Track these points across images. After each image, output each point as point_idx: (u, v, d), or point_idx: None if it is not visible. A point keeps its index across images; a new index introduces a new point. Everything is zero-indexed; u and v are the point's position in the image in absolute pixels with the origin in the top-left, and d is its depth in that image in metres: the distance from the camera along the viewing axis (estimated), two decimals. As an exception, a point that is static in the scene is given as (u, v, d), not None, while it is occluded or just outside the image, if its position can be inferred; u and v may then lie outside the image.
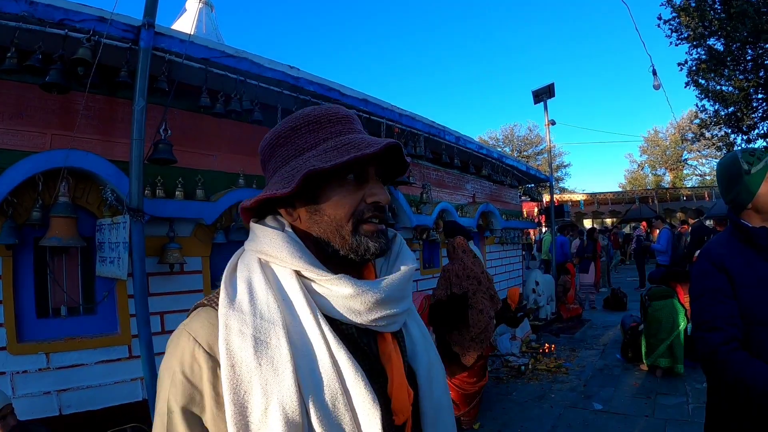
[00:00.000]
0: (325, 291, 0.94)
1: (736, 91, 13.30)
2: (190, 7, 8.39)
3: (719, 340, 1.92)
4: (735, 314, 1.95)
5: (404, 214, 6.83)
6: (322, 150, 0.98)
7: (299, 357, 0.86)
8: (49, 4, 3.40)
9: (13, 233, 3.53)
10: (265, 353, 0.84)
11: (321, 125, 1.02)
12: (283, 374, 0.83)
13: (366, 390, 0.88)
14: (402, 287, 1.02)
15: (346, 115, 1.06)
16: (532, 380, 6.83)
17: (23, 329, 3.74)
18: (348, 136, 1.01)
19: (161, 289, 4.32)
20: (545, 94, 11.75)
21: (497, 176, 9.77)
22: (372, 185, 1.01)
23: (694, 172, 42.44)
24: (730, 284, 2.00)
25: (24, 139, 3.73)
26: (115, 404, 3.98)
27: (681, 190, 33.23)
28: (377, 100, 6.09)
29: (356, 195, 1.00)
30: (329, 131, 1.02)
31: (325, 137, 1.01)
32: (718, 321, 1.96)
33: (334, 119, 1.03)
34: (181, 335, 0.91)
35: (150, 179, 4.18)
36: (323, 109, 1.05)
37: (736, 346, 1.90)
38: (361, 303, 0.93)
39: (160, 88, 3.96)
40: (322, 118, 1.03)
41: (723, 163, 2.20)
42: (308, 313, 0.90)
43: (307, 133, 1.02)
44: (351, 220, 0.99)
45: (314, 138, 1.01)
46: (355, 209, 0.99)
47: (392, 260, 1.11)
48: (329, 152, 0.96)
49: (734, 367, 1.87)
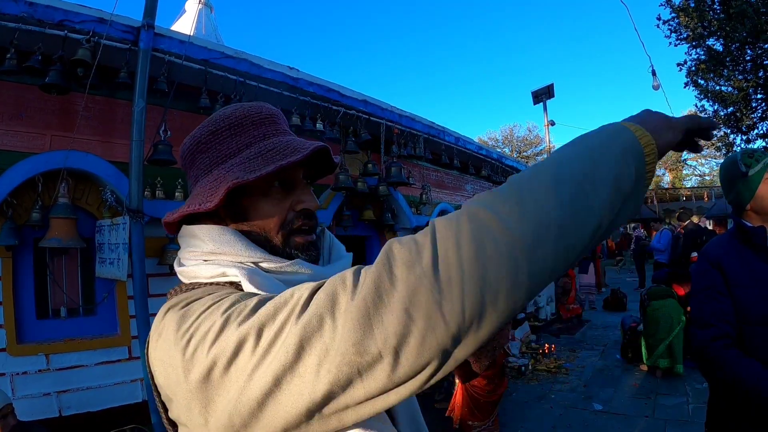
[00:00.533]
0: (285, 277, 0.89)
1: (735, 92, 13.33)
2: (189, 8, 8.39)
3: (710, 336, 1.97)
4: (728, 312, 1.98)
5: (404, 214, 6.83)
6: (245, 157, 0.92)
7: None
8: (49, 5, 3.41)
9: (13, 234, 3.52)
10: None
11: (243, 128, 0.96)
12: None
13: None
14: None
15: (270, 114, 1.00)
16: (532, 381, 6.84)
17: (23, 330, 3.74)
18: (273, 140, 0.95)
19: (161, 290, 4.30)
20: (544, 94, 11.78)
21: (497, 177, 9.77)
22: (300, 191, 0.97)
23: (694, 172, 42.46)
24: (725, 283, 2.02)
25: (24, 140, 3.72)
26: (115, 405, 3.97)
27: (680, 191, 33.16)
28: (377, 101, 6.09)
29: (284, 204, 0.95)
30: (252, 135, 0.96)
31: (249, 142, 0.95)
32: (711, 318, 2.00)
33: (257, 120, 0.98)
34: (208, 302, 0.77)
35: (150, 180, 4.18)
36: (245, 109, 0.98)
37: (727, 343, 1.93)
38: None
39: (160, 89, 3.95)
40: (244, 120, 0.97)
41: (724, 164, 2.22)
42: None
43: (229, 137, 0.96)
44: (280, 231, 0.94)
45: (236, 143, 0.95)
46: (284, 220, 0.95)
47: (326, 253, 1.07)
48: (253, 160, 0.91)
49: (724, 364, 1.91)
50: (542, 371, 7.24)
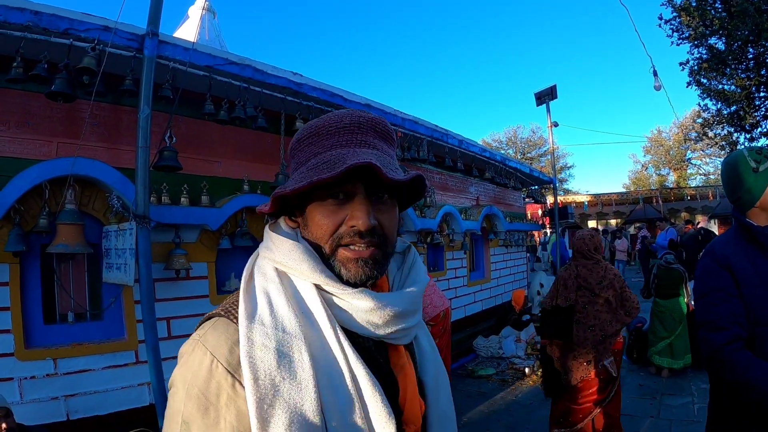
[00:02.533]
0: (345, 305, 0.92)
1: (738, 90, 13.29)
2: (192, 14, 8.43)
3: (723, 340, 1.91)
4: (739, 313, 1.93)
5: (408, 217, 6.83)
6: (306, 167, 0.94)
7: (320, 371, 0.85)
8: (54, 14, 3.43)
9: (21, 240, 3.55)
10: (288, 367, 0.83)
11: (319, 137, 0.97)
12: (306, 389, 0.82)
13: (382, 404, 0.87)
14: (416, 301, 1.01)
15: (350, 123, 0.97)
16: (538, 382, 6.82)
17: (31, 335, 3.77)
18: (333, 152, 0.94)
19: (167, 294, 4.34)
20: (547, 96, 11.75)
21: (501, 179, 9.76)
22: (355, 206, 0.93)
23: (698, 171, 42.40)
24: (735, 283, 1.97)
25: (30, 148, 3.76)
26: (122, 409, 4.00)
27: (685, 190, 33.14)
28: (380, 105, 6.12)
29: (337, 216, 0.94)
30: (322, 145, 0.97)
31: (317, 151, 0.96)
32: (722, 320, 1.94)
33: (332, 130, 0.97)
34: (196, 349, 0.88)
35: (155, 186, 4.21)
36: (329, 118, 0.98)
37: (740, 346, 1.89)
38: (380, 317, 0.92)
39: (165, 95, 3.98)
40: (321, 130, 0.97)
41: (728, 161, 2.17)
42: (328, 327, 0.88)
43: (308, 145, 0.98)
44: (329, 242, 0.94)
45: (310, 151, 0.98)
46: (334, 232, 0.94)
47: (405, 273, 1.09)
48: (308, 171, 0.92)
49: (737, 368, 1.86)
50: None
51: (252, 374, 0.81)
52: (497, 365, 7.69)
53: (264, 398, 0.80)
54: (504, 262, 10.97)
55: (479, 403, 6.08)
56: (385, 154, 0.98)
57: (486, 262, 10.27)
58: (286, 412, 0.80)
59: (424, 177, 1.00)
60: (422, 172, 7.08)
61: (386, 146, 1.02)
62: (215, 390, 0.84)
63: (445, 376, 1.13)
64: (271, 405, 0.80)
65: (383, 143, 1.01)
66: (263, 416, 0.79)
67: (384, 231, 0.96)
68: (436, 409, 1.07)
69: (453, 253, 8.61)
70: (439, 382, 1.10)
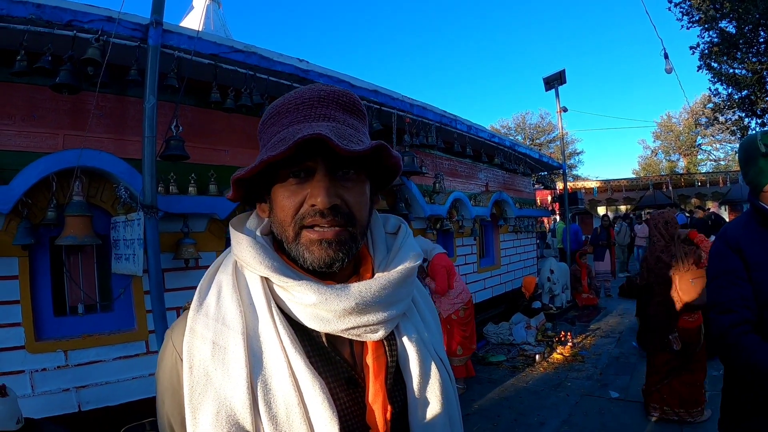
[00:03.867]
0: (289, 297, 0.88)
1: (749, 74, 13.15)
2: (197, 4, 8.41)
3: (730, 322, 1.91)
4: (748, 296, 1.93)
5: (417, 204, 6.81)
6: (266, 148, 0.89)
7: (256, 365, 0.82)
8: (57, 6, 3.42)
9: (29, 233, 3.56)
10: (221, 358, 0.82)
11: (280, 116, 0.92)
12: (236, 380, 0.80)
13: (323, 404, 0.81)
14: (390, 292, 0.91)
15: (310, 98, 0.91)
16: (548, 369, 6.82)
17: (41, 328, 3.78)
18: (290, 128, 0.88)
19: (177, 284, 4.34)
20: (556, 80, 11.67)
21: (510, 165, 9.69)
22: (314, 184, 0.87)
23: (709, 157, 42.07)
24: (745, 266, 1.97)
25: (36, 141, 3.76)
26: (133, 399, 4.01)
27: (695, 176, 32.82)
28: (388, 91, 6.07)
29: (297, 196, 0.88)
30: (281, 123, 0.91)
31: (278, 130, 0.90)
32: (731, 303, 1.94)
33: (292, 107, 0.91)
34: (167, 345, 0.92)
35: (163, 176, 4.20)
36: (291, 95, 0.93)
37: (747, 329, 1.88)
38: (326, 311, 0.86)
39: (170, 85, 3.95)
40: (282, 108, 0.92)
41: (742, 144, 2.17)
42: (269, 321, 0.86)
43: (270, 126, 0.93)
44: (292, 225, 0.88)
45: (272, 131, 0.92)
46: (296, 213, 0.88)
47: (392, 257, 0.99)
48: (264, 152, 0.87)
49: (745, 351, 1.85)
50: (558, 359, 7.22)
51: (188, 363, 0.83)
52: (508, 352, 7.67)
53: (195, 386, 0.81)
54: (514, 248, 10.92)
55: (490, 390, 6.07)
56: (347, 126, 0.90)
57: (496, 248, 10.23)
58: (214, 402, 0.80)
59: (389, 146, 0.90)
60: (431, 158, 7.09)
61: (351, 119, 0.93)
62: (176, 376, 0.87)
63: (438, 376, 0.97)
64: (201, 394, 0.81)
65: (347, 116, 0.93)
66: (193, 404, 0.81)
67: (350, 209, 0.89)
68: (418, 415, 0.93)
69: (463, 240, 8.57)
70: (426, 383, 0.95)
